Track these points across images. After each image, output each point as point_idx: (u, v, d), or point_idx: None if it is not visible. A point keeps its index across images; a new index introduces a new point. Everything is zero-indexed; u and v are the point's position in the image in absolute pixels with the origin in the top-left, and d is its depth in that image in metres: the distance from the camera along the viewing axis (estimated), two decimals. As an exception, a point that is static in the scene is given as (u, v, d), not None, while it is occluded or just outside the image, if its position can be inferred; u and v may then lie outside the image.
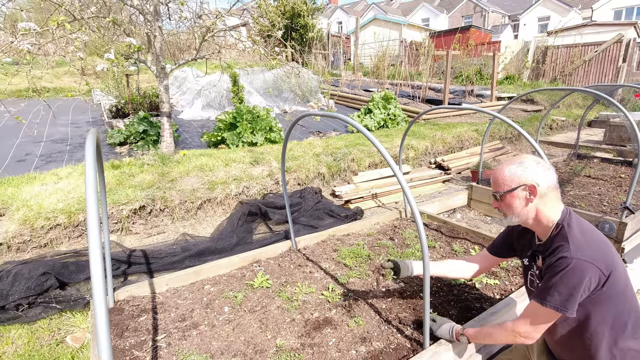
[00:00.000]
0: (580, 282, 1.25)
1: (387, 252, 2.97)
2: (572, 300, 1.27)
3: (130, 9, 4.86)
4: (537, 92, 6.46)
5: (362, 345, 1.88)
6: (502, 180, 1.44)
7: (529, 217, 1.43)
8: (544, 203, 1.39)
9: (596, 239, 1.33)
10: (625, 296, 1.30)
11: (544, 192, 1.37)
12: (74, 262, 2.83)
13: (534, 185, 1.36)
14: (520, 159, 1.43)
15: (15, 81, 8.21)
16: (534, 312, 1.37)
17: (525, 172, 1.38)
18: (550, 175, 1.38)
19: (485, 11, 33.78)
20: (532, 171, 1.37)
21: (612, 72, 13.25)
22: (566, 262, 1.27)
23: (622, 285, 1.29)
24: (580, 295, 1.27)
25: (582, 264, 1.25)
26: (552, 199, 1.40)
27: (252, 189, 4.39)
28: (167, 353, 1.85)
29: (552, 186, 1.38)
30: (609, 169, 5.21)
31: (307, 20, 16.49)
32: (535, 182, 1.37)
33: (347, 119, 1.88)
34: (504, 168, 1.44)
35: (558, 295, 1.28)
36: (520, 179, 1.39)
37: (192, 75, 8.51)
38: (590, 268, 1.25)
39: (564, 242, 1.32)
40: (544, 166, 1.39)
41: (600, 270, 1.25)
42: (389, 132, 6.90)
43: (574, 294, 1.26)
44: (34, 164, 4.66)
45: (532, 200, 1.39)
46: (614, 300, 1.29)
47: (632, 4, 25.00)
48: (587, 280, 1.25)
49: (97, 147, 1.33)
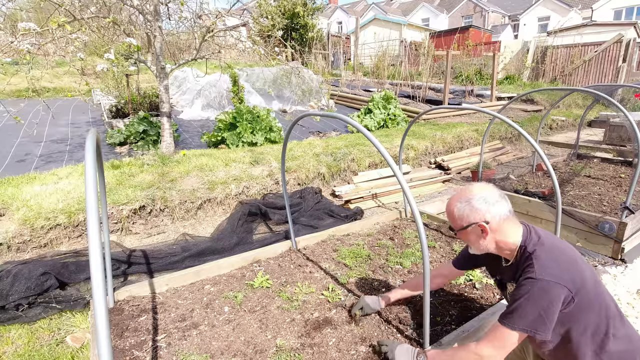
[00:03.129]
0: (550, 303, 1.24)
1: (387, 252, 2.97)
2: (542, 322, 1.26)
3: (130, 9, 4.86)
4: (537, 92, 6.47)
5: (362, 345, 1.88)
6: (453, 218, 1.45)
7: (488, 248, 1.44)
8: (500, 234, 1.40)
9: (561, 256, 1.33)
10: (600, 304, 1.30)
11: (495, 227, 1.39)
12: (74, 262, 2.83)
13: (483, 224, 1.37)
14: (469, 194, 1.42)
15: (15, 81, 8.21)
16: (500, 334, 1.32)
17: (472, 211, 1.39)
18: (500, 208, 1.38)
19: (485, 11, 33.78)
20: (481, 209, 1.37)
21: (612, 72, 13.25)
22: (531, 283, 1.27)
23: (592, 296, 1.29)
24: (552, 316, 1.25)
25: (548, 285, 1.25)
26: (507, 227, 1.40)
27: (252, 189, 4.39)
28: (167, 353, 1.85)
29: (504, 217, 1.38)
30: (609, 169, 5.21)
31: (306, 20, 16.49)
32: (484, 220, 1.37)
33: (347, 119, 1.88)
34: (454, 206, 1.44)
35: (526, 316, 1.27)
36: (469, 219, 1.39)
37: (192, 75, 8.51)
38: (556, 287, 1.24)
39: (529, 262, 1.32)
40: (491, 200, 1.38)
41: (567, 288, 1.25)
42: (389, 132, 6.90)
43: (543, 315, 1.25)
44: (34, 164, 4.66)
45: (485, 237, 1.40)
46: (588, 311, 1.28)
47: (632, 4, 24.99)
48: (555, 300, 1.24)
49: (97, 147, 1.33)
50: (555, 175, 2.33)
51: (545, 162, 2.28)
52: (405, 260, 2.80)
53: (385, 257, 2.89)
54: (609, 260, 3.25)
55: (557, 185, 2.33)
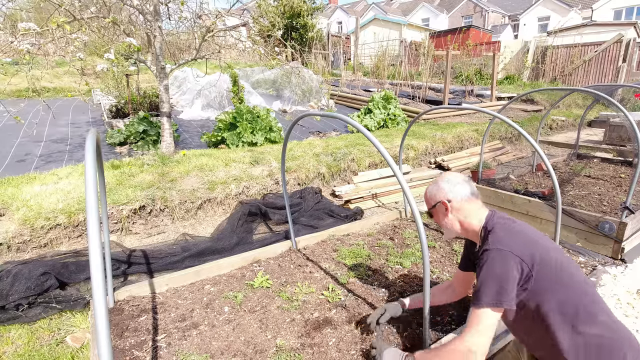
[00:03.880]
0: (504, 270, 1.30)
1: (387, 252, 2.97)
2: (503, 292, 1.29)
3: (130, 9, 4.86)
4: (537, 92, 6.47)
5: (362, 345, 1.88)
6: (426, 200, 1.66)
7: (454, 227, 1.58)
8: (463, 215, 1.55)
9: (518, 233, 1.40)
10: (564, 284, 1.33)
11: (457, 206, 1.54)
12: (74, 262, 2.83)
13: (446, 202, 1.55)
14: (438, 178, 1.64)
15: (15, 81, 8.21)
16: (475, 318, 1.34)
17: (438, 190, 1.58)
18: (462, 189, 1.55)
19: (485, 11, 33.78)
20: (444, 188, 1.57)
21: (612, 72, 13.25)
22: (486, 255, 1.36)
23: (558, 275, 1.33)
24: (511, 284, 1.29)
25: (499, 253, 1.32)
26: (470, 208, 1.54)
27: (252, 189, 4.39)
28: (167, 353, 1.85)
29: (465, 198, 1.54)
30: (609, 169, 5.20)
31: (306, 20, 16.48)
32: (447, 198, 1.55)
33: (347, 119, 1.88)
34: (427, 190, 1.66)
35: (489, 290, 1.31)
36: (435, 198, 1.59)
37: (192, 75, 8.51)
38: (508, 255, 1.31)
39: (486, 239, 1.43)
40: (454, 181, 1.57)
41: (520, 258, 1.30)
42: (389, 132, 6.90)
43: (502, 285, 1.29)
44: (34, 164, 4.66)
45: (447, 214, 1.56)
46: (555, 290, 1.32)
47: (632, 4, 24.99)
48: (510, 268, 1.30)
49: (97, 147, 1.33)
50: (555, 175, 2.33)
51: (545, 162, 2.28)
52: (405, 260, 2.80)
53: (385, 257, 2.89)
54: (609, 260, 3.25)
55: (557, 185, 2.33)
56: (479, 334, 1.32)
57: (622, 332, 1.32)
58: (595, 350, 1.27)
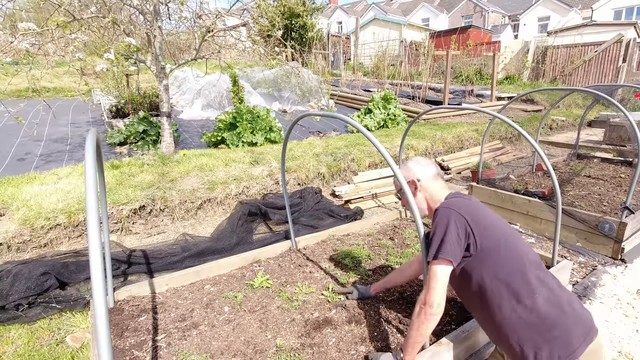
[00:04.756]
0: (448, 225, 1.42)
1: (387, 252, 2.97)
2: (446, 243, 1.40)
3: (130, 9, 4.86)
4: (537, 92, 6.47)
5: (362, 345, 1.88)
6: (396, 184, 1.76)
7: (422, 207, 1.69)
8: (430, 194, 1.67)
9: (469, 204, 1.52)
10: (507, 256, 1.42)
11: (425, 185, 1.68)
12: (74, 262, 2.83)
13: (415, 181, 1.68)
14: (406, 162, 1.77)
15: (15, 81, 8.20)
16: (431, 273, 1.44)
17: (407, 171, 1.72)
18: (429, 169, 1.70)
19: (485, 11, 33.78)
20: (413, 169, 1.71)
21: (612, 72, 13.25)
22: (436, 214, 1.52)
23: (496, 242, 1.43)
24: (454, 237, 1.40)
25: (445, 210, 1.47)
26: (436, 187, 1.68)
27: (252, 189, 4.39)
28: (167, 353, 1.85)
29: (432, 177, 1.69)
30: (609, 169, 5.20)
31: (306, 20, 16.47)
32: (416, 177, 1.68)
33: (347, 119, 1.87)
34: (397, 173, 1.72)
35: (434, 244, 1.44)
36: (405, 178, 1.67)
37: (192, 75, 8.51)
38: (453, 213, 1.44)
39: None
40: (422, 163, 1.74)
41: (463, 217, 1.42)
42: (389, 132, 6.90)
43: (444, 238, 1.41)
44: (34, 164, 4.66)
45: (416, 193, 1.67)
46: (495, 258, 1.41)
47: (632, 4, 24.99)
48: (453, 223, 1.41)
49: (97, 147, 1.33)
50: (555, 175, 2.33)
51: (545, 162, 2.28)
52: (405, 260, 2.80)
53: (385, 257, 2.89)
54: (609, 260, 3.25)
55: (557, 185, 2.32)
56: (431, 289, 1.43)
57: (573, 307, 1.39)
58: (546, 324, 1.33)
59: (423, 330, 1.48)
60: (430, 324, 1.45)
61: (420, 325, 1.47)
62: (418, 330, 1.49)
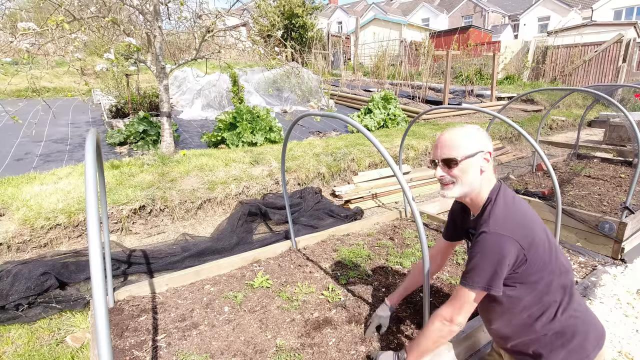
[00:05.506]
0: (502, 257, 1.23)
1: (387, 252, 2.97)
2: (497, 278, 1.25)
3: (130, 9, 4.85)
4: (537, 92, 6.47)
5: (362, 345, 1.88)
6: (460, 144, 1.34)
7: (475, 188, 1.37)
8: (489, 174, 1.38)
9: (518, 214, 1.31)
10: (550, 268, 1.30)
11: (490, 163, 1.38)
12: (74, 262, 2.82)
13: (490, 152, 1.36)
14: (472, 127, 1.40)
15: (15, 81, 8.20)
16: (463, 296, 1.33)
17: (482, 139, 1.36)
18: (490, 145, 1.39)
19: (485, 11, 33.78)
20: (485, 138, 1.37)
21: (612, 72, 13.25)
22: (484, 237, 1.27)
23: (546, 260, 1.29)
24: (505, 270, 1.25)
25: (499, 238, 1.24)
26: (492, 170, 1.40)
27: (252, 189, 4.39)
28: (167, 353, 1.85)
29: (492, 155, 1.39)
30: (609, 169, 5.20)
31: (306, 20, 16.47)
32: (489, 149, 1.36)
33: (347, 119, 1.87)
34: (461, 133, 1.37)
35: (484, 273, 1.27)
36: (478, 145, 1.34)
37: (192, 75, 8.51)
38: (508, 241, 1.23)
39: (486, 218, 1.32)
40: (486, 136, 1.39)
41: (519, 243, 1.24)
42: (389, 132, 6.90)
43: (497, 270, 1.25)
44: (34, 164, 4.66)
45: (484, 169, 1.36)
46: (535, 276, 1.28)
47: (632, 4, 24.99)
48: (507, 254, 1.23)
49: (97, 147, 1.33)
50: (555, 175, 2.33)
51: (545, 162, 2.28)
52: (405, 260, 2.80)
53: (385, 257, 2.89)
54: (609, 260, 3.25)
55: (557, 185, 2.32)
56: (463, 311, 1.34)
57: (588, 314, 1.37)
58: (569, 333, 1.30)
59: (439, 344, 1.45)
60: (446, 340, 1.42)
61: (438, 340, 1.42)
62: (434, 344, 1.45)
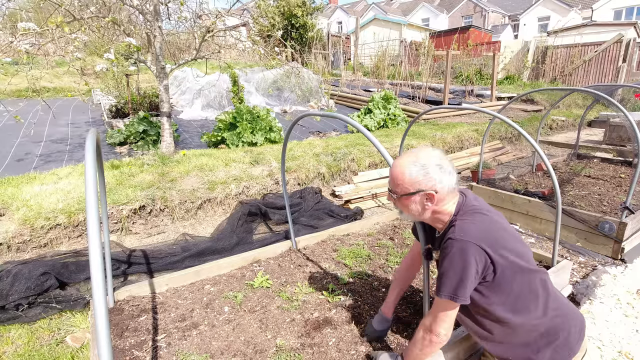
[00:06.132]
0: (468, 262, 1.23)
1: (387, 252, 2.97)
2: (462, 286, 1.25)
3: (130, 9, 4.85)
4: (537, 92, 6.47)
5: (362, 345, 1.88)
6: (401, 182, 1.35)
7: (424, 217, 1.41)
8: (442, 205, 1.37)
9: (484, 222, 1.31)
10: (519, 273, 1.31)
11: (442, 197, 1.34)
12: (74, 262, 2.82)
13: (433, 194, 1.32)
14: (422, 158, 1.33)
15: (15, 81, 8.20)
16: (437, 306, 1.35)
17: (426, 177, 1.31)
18: (451, 180, 1.33)
19: (485, 11, 33.78)
20: (434, 177, 1.31)
21: (612, 72, 13.25)
22: (450, 244, 1.27)
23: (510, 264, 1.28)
24: (471, 279, 1.25)
25: (464, 244, 1.23)
26: (449, 199, 1.37)
27: (252, 189, 4.39)
28: (167, 353, 1.85)
29: (451, 190, 1.34)
30: (609, 169, 5.20)
31: (305, 20, 16.47)
32: (435, 189, 1.31)
33: (347, 119, 1.87)
34: (405, 168, 1.33)
35: (449, 282, 1.27)
36: (420, 185, 1.32)
37: (192, 75, 8.51)
38: (471, 248, 1.22)
39: (452, 226, 1.34)
40: (445, 170, 1.32)
41: (484, 251, 1.23)
42: (389, 132, 6.90)
43: (462, 279, 1.24)
44: (34, 164, 4.66)
45: (428, 207, 1.36)
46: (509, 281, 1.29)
47: (632, 4, 24.99)
48: (473, 260, 1.23)
49: (97, 147, 1.33)
50: (555, 175, 2.33)
51: (545, 162, 2.28)
52: (405, 260, 2.79)
53: (385, 257, 2.89)
54: (609, 260, 3.25)
55: (557, 185, 2.32)
56: (439, 321, 1.35)
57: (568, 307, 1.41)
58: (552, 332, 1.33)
59: (427, 353, 1.45)
60: (433, 349, 1.43)
61: (423, 349, 1.44)
62: (421, 351, 1.45)
